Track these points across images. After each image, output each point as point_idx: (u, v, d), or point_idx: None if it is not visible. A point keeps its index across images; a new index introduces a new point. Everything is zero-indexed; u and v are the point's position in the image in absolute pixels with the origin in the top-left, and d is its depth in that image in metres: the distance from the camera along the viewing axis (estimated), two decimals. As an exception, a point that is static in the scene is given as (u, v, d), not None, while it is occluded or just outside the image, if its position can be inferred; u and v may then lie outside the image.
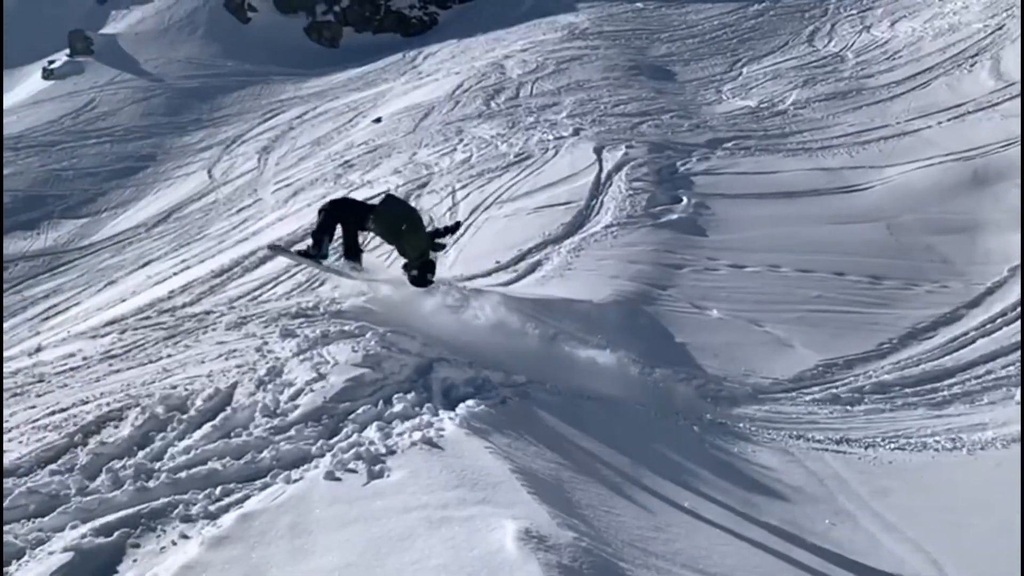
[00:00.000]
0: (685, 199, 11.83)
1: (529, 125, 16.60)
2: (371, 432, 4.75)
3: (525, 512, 3.78)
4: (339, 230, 7.69)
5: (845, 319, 9.07)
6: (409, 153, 16.62)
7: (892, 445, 6.74)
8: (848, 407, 7.50)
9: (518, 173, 13.62)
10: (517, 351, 7.09)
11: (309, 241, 7.80)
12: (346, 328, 6.59)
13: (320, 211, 7.73)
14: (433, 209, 12.87)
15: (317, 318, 7.16)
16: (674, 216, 11.29)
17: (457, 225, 8.44)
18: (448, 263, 10.67)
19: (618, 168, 13.10)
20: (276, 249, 9.07)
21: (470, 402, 5.33)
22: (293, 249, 8.40)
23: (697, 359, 8.00)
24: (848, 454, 6.59)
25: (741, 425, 6.86)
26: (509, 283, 9.52)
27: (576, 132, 15.46)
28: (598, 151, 13.95)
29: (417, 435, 4.60)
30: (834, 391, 7.75)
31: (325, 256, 7.66)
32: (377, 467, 4.23)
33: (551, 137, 15.31)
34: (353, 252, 7.74)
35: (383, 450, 4.44)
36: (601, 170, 13.10)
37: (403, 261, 7.70)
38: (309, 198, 15.75)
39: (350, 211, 7.67)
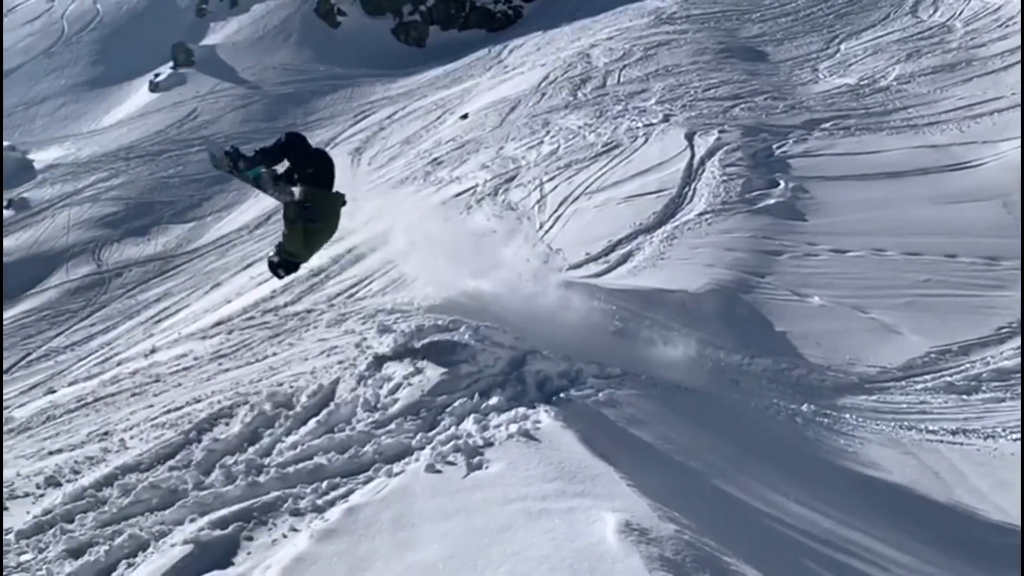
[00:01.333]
0: (782, 183, 11.44)
1: (617, 114, 16.40)
2: (468, 425, 4.80)
3: (625, 504, 3.74)
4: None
5: (958, 303, 8.58)
6: (496, 147, 16.69)
7: (1014, 436, 6.35)
8: (964, 396, 7.10)
9: (607, 163, 13.48)
10: (610, 343, 7.03)
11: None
12: (440, 322, 6.67)
13: (278, 139, 7.08)
14: (522, 202, 12.89)
15: (412, 313, 7.28)
16: (771, 201, 10.93)
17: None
18: (539, 257, 10.66)
19: (711, 154, 12.78)
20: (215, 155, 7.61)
21: (565, 394, 5.32)
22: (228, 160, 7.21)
23: (798, 348, 7.74)
24: (966, 446, 6.25)
25: (847, 416, 6.60)
26: (600, 274, 9.43)
27: (666, 118, 15.17)
28: (689, 137, 13.65)
29: (514, 427, 4.62)
30: (948, 379, 7.35)
31: (240, 171, 6.99)
32: (476, 459, 4.27)
33: (640, 125, 15.08)
34: (285, 180, 6.95)
35: (481, 442, 4.48)
36: (693, 156, 12.82)
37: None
38: (401, 197, 16.03)
39: (297, 151, 6.86)
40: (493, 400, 5.17)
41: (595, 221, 11.31)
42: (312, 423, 5.13)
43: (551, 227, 11.55)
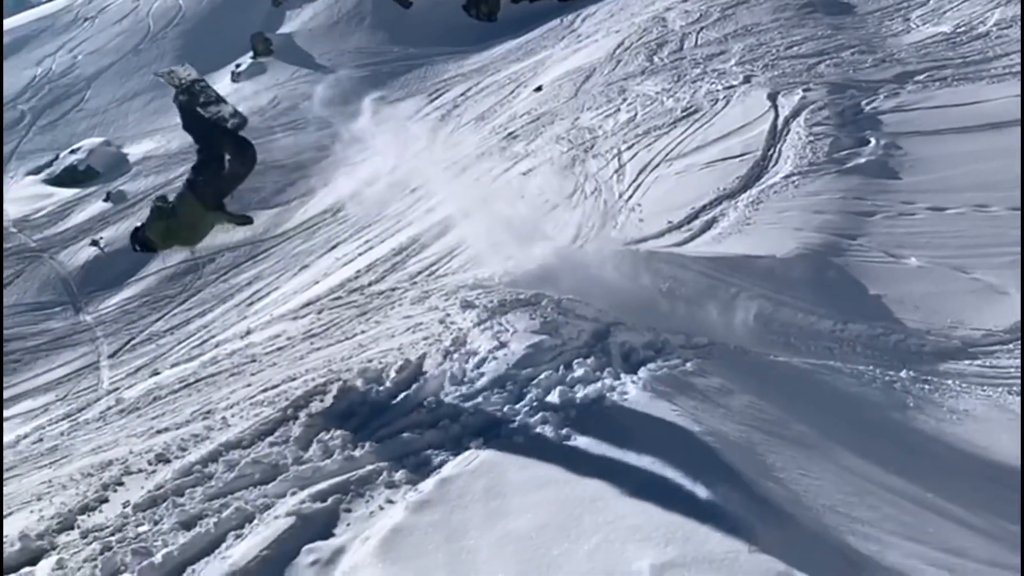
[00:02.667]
0: (873, 140, 10.94)
1: (696, 77, 15.98)
2: (555, 397, 4.80)
3: (718, 475, 3.69)
4: None
5: (1070, 260, 8.07)
6: (572, 119, 16.53)
7: None
8: (1078, 358, 6.69)
9: (687, 128, 13.18)
10: (696, 313, 6.91)
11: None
12: (522, 296, 6.69)
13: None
14: (600, 173, 12.75)
15: (493, 288, 7.32)
16: (862, 160, 10.48)
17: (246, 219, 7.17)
18: (617, 226, 10.56)
19: (796, 113, 12.33)
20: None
21: (651, 365, 5.26)
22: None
23: (895, 312, 7.43)
24: (1081, 410, 5.90)
25: (949, 383, 6.31)
26: (683, 243, 9.27)
27: (747, 80, 14.70)
28: (772, 97, 13.19)
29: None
30: (1060, 341, 6.94)
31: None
32: (564, 431, 4.28)
33: (720, 87, 14.66)
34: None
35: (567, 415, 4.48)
36: (777, 117, 12.39)
37: None
38: (476, 173, 16.08)
39: (239, 157, 6.36)
40: (578, 372, 5.15)
41: (676, 188, 11.10)
42: (402, 397, 5.23)
43: (631, 196, 11.39)
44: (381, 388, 5.46)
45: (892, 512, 4.09)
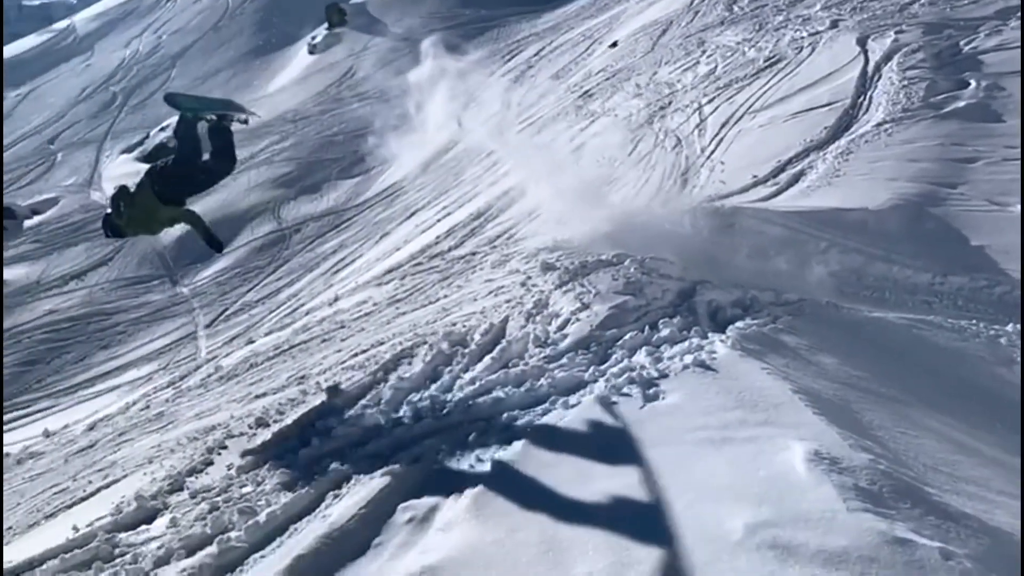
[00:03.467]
0: (973, 82, 10.31)
1: (778, 25, 15.34)
2: (641, 357, 4.77)
3: (812, 433, 3.60)
4: None
5: None
6: (649, 73, 16.14)
7: None
8: None
9: (770, 78, 12.70)
10: (785, 269, 6.72)
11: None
12: (603, 257, 6.64)
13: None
14: (680, 128, 12.44)
15: (574, 250, 7.28)
16: (960, 104, 9.89)
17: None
18: (700, 183, 10.31)
19: (887, 58, 11.71)
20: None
21: (739, 323, 5.17)
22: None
23: (999, 263, 7.04)
24: None
25: (1062, 335, 5.97)
26: (769, 198, 8.98)
27: (834, 24, 14.02)
28: (862, 42, 12.55)
29: (688, 358, 4.55)
30: None
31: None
32: (651, 390, 4.25)
33: (805, 34, 14.04)
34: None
35: (655, 374, 4.45)
36: (867, 63, 11.80)
37: None
38: (552, 133, 15.94)
39: (220, 158, 6.50)
40: (664, 332, 5.10)
41: (761, 142, 10.73)
42: (487, 359, 5.29)
43: (713, 152, 11.09)
44: (466, 350, 5.54)
45: (999, 472, 3.93)
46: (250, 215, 21.95)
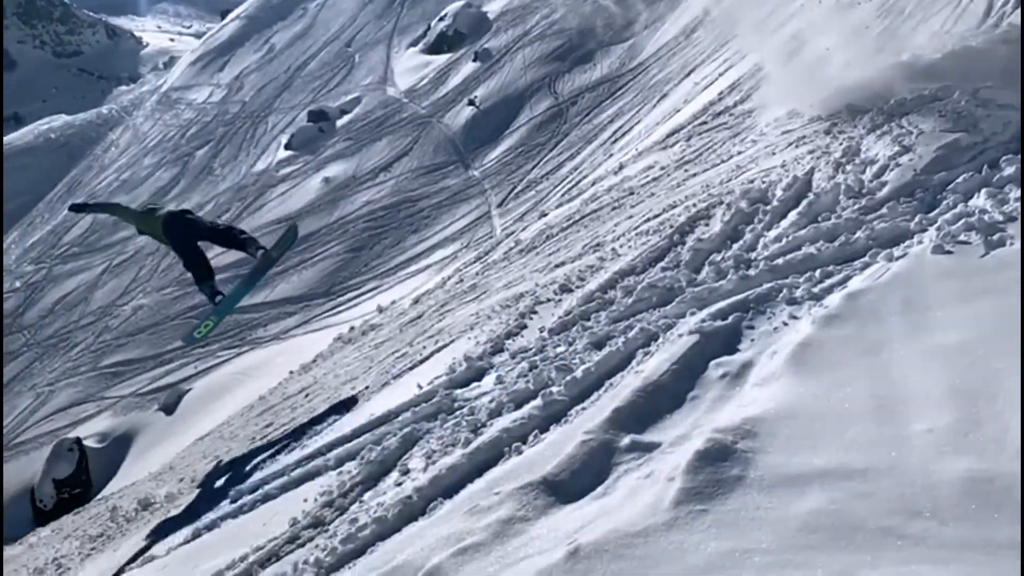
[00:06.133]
0: None
1: None
2: (980, 200, 4.21)
3: None
4: None
5: None
6: None
7: None
8: None
9: None
10: None
11: None
12: (925, 92, 5.85)
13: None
14: None
15: (885, 86, 6.47)
16: None
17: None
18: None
19: None
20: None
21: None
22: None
23: None
24: None
25: None
26: None
27: None
28: None
29: (1044, 198, 3.92)
30: None
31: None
32: (996, 236, 3.76)
33: None
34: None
35: (1000, 217, 3.91)
36: None
37: None
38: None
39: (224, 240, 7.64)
40: (1008, 171, 4.43)
41: None
42: (792, 215, 5.00)
43: None
44: (768, 207, 5.28)
45: None
46: (528, 93, 22.47)
